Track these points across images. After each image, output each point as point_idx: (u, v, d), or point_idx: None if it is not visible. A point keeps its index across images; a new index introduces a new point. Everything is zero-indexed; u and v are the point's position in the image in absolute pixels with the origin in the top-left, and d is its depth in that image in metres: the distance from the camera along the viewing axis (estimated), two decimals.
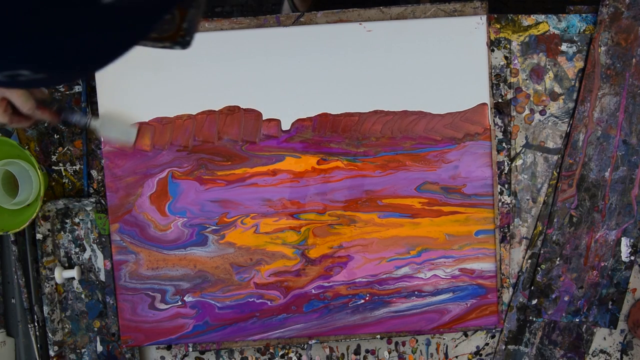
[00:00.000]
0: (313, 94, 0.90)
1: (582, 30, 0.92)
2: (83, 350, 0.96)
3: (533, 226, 0.94)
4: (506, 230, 0.93)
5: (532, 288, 0.94)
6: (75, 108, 0.89)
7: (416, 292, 0.92)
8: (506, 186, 0.93)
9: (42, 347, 0.95)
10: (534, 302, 0.94)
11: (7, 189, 0.92)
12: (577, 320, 0.94)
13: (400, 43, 0.90)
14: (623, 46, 0.90)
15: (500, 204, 0.93)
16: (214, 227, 0.91)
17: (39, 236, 0.92)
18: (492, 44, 0.92)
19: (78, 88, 0.93)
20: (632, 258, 0.93)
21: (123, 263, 0.92)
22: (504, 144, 0.92)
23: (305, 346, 0.96)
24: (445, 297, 0.93)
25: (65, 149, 0.94)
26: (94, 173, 0.94)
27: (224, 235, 0.91)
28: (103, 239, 0.92)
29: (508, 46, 0.92)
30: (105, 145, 0.90)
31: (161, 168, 0.90)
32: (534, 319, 0.95)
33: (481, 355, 0.96)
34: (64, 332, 0.96)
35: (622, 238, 0.93)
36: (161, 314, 0.92)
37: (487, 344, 0.96)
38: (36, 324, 0.94)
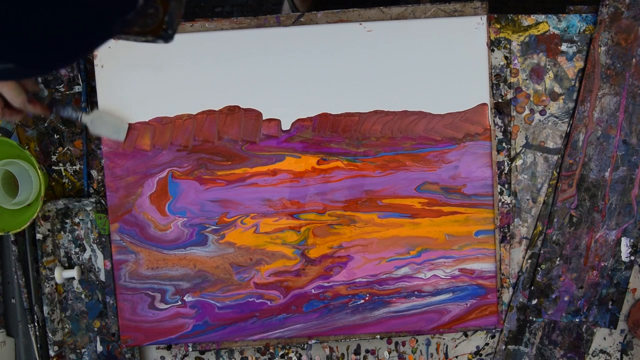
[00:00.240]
0: (313, 94, 0.90)
1: (582, 30, 0.92)
2: (83, 350, 0.96)
3: (533, 226, 0.94)
4: (506, 230, 0.93)
5: (532, 288, 0.94)
6: (67, 102, 0.89)
7: (416, 292, 0.92)
8: (506, 186, 0.93)
9: (42, 347, 0.95)
10: (534, 302, 0.94)
11: (7, 189, 0.92)
12: (577, 320, 0.94)
13: (400, 43, 0.90)
14: (623, 46, 0.90)
15: (500, 204, 0.93)
16: (214, 227, 0.91)
17: (39, 236, 0.92)
18: (492, 44, 0.92)
19: (78, 88, 0.93)
20: (632, 258, 0.93)
21: (123, 263, 0.92)
22: (504, 144, 0.92)
23: (305, 346, 0.96)
24: (445, 298, 0.93)
25: (65, 149, 0.94)
26: (94, 173, 0.94)
27: (224, 235, 0.91)
28: (103, 239, 0.92)
29: (508, 46, 0.92)
30: (105, 145, 0.90)
31: (161, 168, 0.90)
32: (534, 319, 0.95)
33: (481, 355, 0.96)
34: (64, 332, 0.96)
35: (622, 238, 0.93)
36: (161, 314, 0.92)
37: (487, 344, 0.96)
38: (36, 324, 0.94)
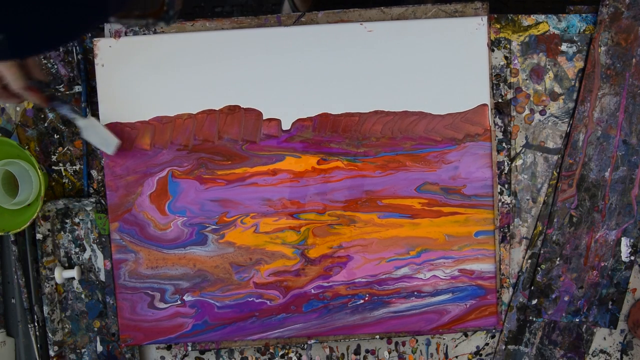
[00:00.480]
0: (313, 94, 0.90)
1: (582, 30, 0.92)
2: (83, 350, 0.96)
3: (533, 226, 0.94)
4: (506, 230, 0.93)
5: (532, 288, 0.94)
6: (67, 101, 0.89)
7: (415, 293, 0.92)
8: (506, 186, 0.93)
9: (42, 347, 0.95)
10: (534, 302, 0.94)
11: (7, 189, 0.92)
12: (577, 320, 0.94)
13: (401, 43, 0.90)
14: (623, 46, 0.91)
15: (500, 204, 0.93)
16: (214, 227, 0.91)
17: (39, 236, 0.92)
18: (492, 44, 0.92)
19: (78, 88, 0.93)
20: (632, 258, 0.93)
21: (122, 262, 0.92)
22: (504, 144, 0.92)
23: (305, 346, 0.96)
24: (444, 298, 0.93)
25: (65, 149, 0.94)
26: (94, 173, 0.94)
27: (224, 234, 0.91)
28: (103, 239, 0.92)
29: (508, 46, 0.92)
30: None
31: (161, 167, 0.91)
32: (534, 319, 0.95)
33: (481, 355, 0.96)
34: (64, 332, 0.96)
35: (622, 238, 0.93)
36: (160, 313, 0.92)
37: (487, 344, 0.96)
38: (36, 324, 0.94)
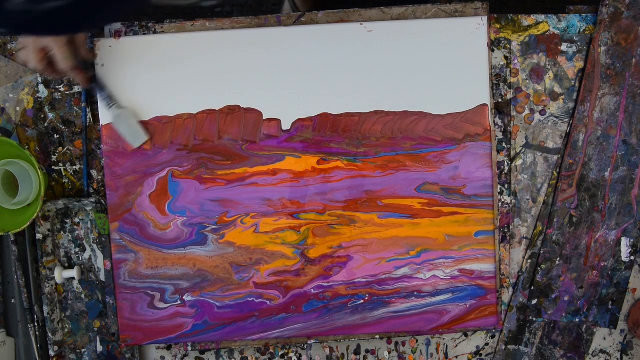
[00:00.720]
0: (313, 94, 0.90)
1: (582, 30, 0.92)
2: (83, 350, 0.96)
3: (533, 226, 0.94)
4: (506, 230, 0.93)
5: (532, 288, 0.94)
6: (107, 86, 0.89)
7: (415, 293, 0.92)
8: (506, 186, 0.93)
9: (42, 347, 0.95)
10: (534, 302, 0.94)
11: (7, 189, 0.92)
12: (577, 320, 0.94)
13: (401, 43, 0.90)
14: (623, 46, 0.91)
15: (500, 204, 0.93)
16: (214, 227, 0.91)
17: (39, 236, 0.92)
18: (492, 44, 0.92)
19: (78, 88, 0.93)
20: (632, 258, 0.93)
21: (122, 262, 0.92)
22: (504, 144, 0.92)
23: (305, 346, 0.96)
24: (444, 298, 0.93)
25: (65, 149, 0.94)
26: (94, 173, 0.94)
27: (224, 234, 0.91)
28: (103, 239, 0.92)
29: (508, 46, 0.92)
30: (105, 144, 0.90)
31: (161, 167, 0.91)
32: (534, 319, 0.95)
33: (481, 355, 0.96)
34: (64, 332, 0.96)
35: (622, 238, 0.93)
36: (160, 313, 0.92)
37: (487, 344, 0.96)
38: (36, 324, 0.94)
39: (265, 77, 0.90)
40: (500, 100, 0.92)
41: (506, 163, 0.92)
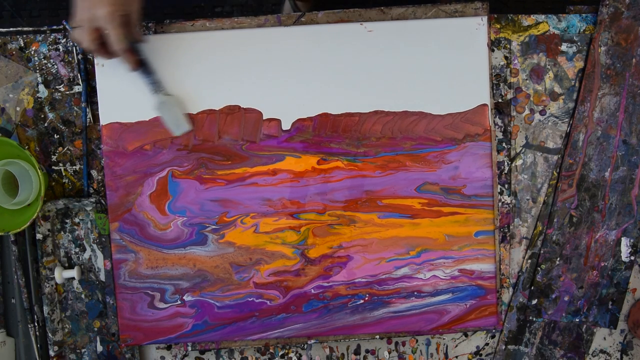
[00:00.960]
0: (313, 94, 0.90)
1: (582, 30, 0.92)
2: (83, 350, 0.96)
3: (533, 226, 0.94)
4: (506, 230, 0.93)
5: (532, 288, 0.94)
6: (155, 71, 0.89)
7: (415, 293, 0.92)
8: (506, 186, 0.93)
9: (42, 347, 0.95)
10: (534, 302, 0.94)
11: (7, 189, 0.92)
12: (577, 320, 0.94)
13: (401, 43, 0.90)
14: (623, 46, 0.91)
15: (500, 204, 0.93)
16: (214, 227, 0.91)
17: (39, 236, 0.92)
18: (492, 44, 0.92)
19: (78, 88, 0.93)
20: (632, 258, 0.93)
21: (122, 262, 0.92)
22: (504, 144, 0.92)
23: (305, 346, 0.96)
24: (444, 298, 0.93)
25: (65, 149, 0.94)
26: (94, 173, 0.94)
27: (224, 234, 0.91)
28: (103, 239, 0.92)
29: (508, 46, 0.92)
30: (105, 144, 0.90)
31: (161, 167, 0.90)
32: (534, 319, 0.95)
33: (481, 355, 0.96)
34: (64, 332, 0.96)
35: (622, 238, 0.93)
36: (160, 313, 0.92)
37: (487, 344, 0.96)
38: (36, 324, 0.94)
39: (265, 77, 0.90)
40: (500, 100, 0.92)
41: (506, 163, 0.92)
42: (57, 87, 0.93)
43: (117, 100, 0.90)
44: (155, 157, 0.90)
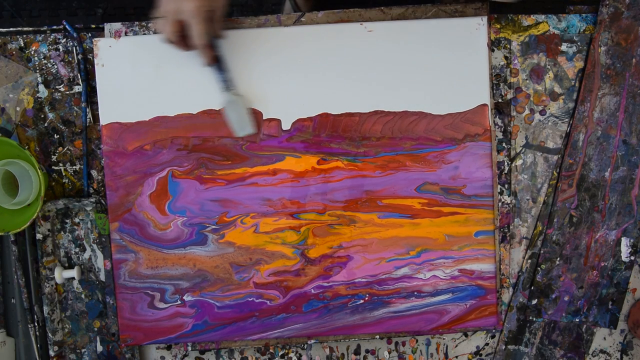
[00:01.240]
0: (313, 94, 0.90)
1: (582, 30, 0.92)
2: (83, 350, 0.96)
3: (533, 226, 0.94)
4: (506, 230, 0.93)
5: (532, 288, 0.94)
6: (229, 69, 0.89)
7: (415, 293, 0.92)
8: (506, 186, 0.93)
9: (42, 347, 0.95)
10: (534, 302, 0.94)
11: (7, 189, 0.92)
12: (577, 320, 0.94)
13: (401, 43, 0.90)
14: (623, 46, 0.91)
15: (500, 204, 0.93)
16: (214, 227, 0.91)
17: (39, 236, 0.92)
18: (492, 44, 0.92)
19: (78, 88, 0.93)
20: (632, 258, 0.93)
21: (122, 262, 0.92)
22: (504, 144, 0.92)
23: (305, 346, 0.96)
24: (444, 298, 0.93)
25: (65, 149, 0.94)
26: (94, 173, 0.94)
27: (224, 234, 0.91)
28: (103, 239, 0.92)
29: (508, 46, 0.92)
30: (105, 144, 0.90)
31: (161, 167, 0.90)
32: (534, 319, 0.95)
33: (481, 355, 0.96)
34: (64, 332, 0.96)
35: (622, 238, 0.93)
36: (160, 313, 0.92)
37: (487, 344, 0.96)
38: (36, 324, 0.94)
39: (265, 77, 0.90)
40: (500, 100, 0.92)
41: (506, 163, 0.93)
42: (57, 87, 0.93)
43: (117, 100, 0.90)
44: (155, 157, 0.90)
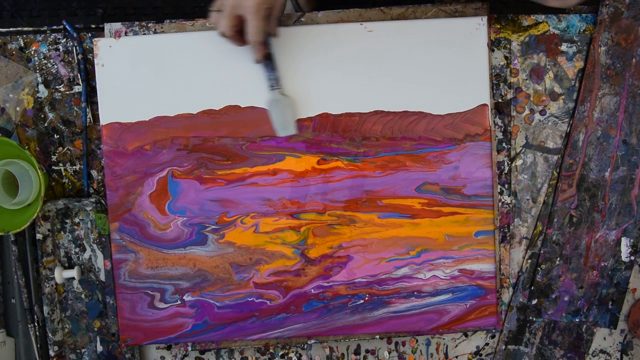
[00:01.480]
0: (313, 94, 0.90)
1: (582, 30, 0.92)
2: (83, 350, 0.96)
3: (533, 226, 0.94)
4: (506, 230, 0.93)
5: (532, 288, 0.94)
6: (278, 68, 0.89)
7: (415, 293, 0.92)
8: (506, 186, 0.93)
9: (42, 347, 0.95)
10: (534, 302, 0.94)
11: (7, 189, 0.92)
12: (577, 320, 0.94)
13: (401, 43, 0.90)
14: (623, 46, 0.91)
15: (500, 204, 0.93)
16: (214, 227, 0.91)
17: (39, 236, 0.92)
18: (492, 44, 0.92)
19: (78, 88, 0.93)
20: (632, 258, 0.93)
21: (122, 262, 0.92)
22: (504, 144, 0.92)
23: (305, 346, 0.96)
24: (444, 298, 0.93)
25: (65, 149, 0.94)
26: (94, 173, 0.94)
27: (224, 234, 0.91)
28: (103, 239, 0.92)
29: (508, 46, 0.92)
30: (105, 144, 0.90)
31: (161, 167, 0.90)
32: (534, 319, 0.95)
33: (481, 355, 0.96)
34: (64, 332, 0.96)
35: (622, 238, 0.93)
36: (160, 313, 0.92)
37: (487, 344, 0.96)
38: (36, 324, 0.94)
39: (265, 77, 0.90)
40: (500, 100, 0.93)
41: (506, 163, 0.93)
42: (57, 87, 0.93)
43: (117, 100, 0.90)
44: (155, 157, 0.90)
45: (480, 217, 0.91)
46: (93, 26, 0.94)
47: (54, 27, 0.94)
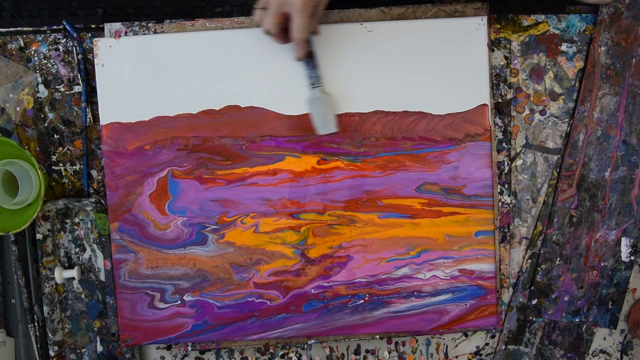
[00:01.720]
0: None
1: (582, 30, 0.92)
2: (83, 350, 0.96)
3: (533, 226, 0.94)
4: (506, 230, 0.93)
5: (532, 288, 0.94)
6: (319, 66, 0.89)
7: (415, 293, 0.92)
8: (506, 186, 0.93)
9: (42, 347, 0.95)
10: (534, 302, 0.94)
11: (7, 189, 0.92)
12: (577, 320, 0.94)
13: (401, 43, 0.90)
14: (623, 46, 0.91)
15: (500, 204, 0.93)
16: (214, 227, 0.91)
17: (39, 236, 0.92)
18: (492, 44, 0.92)
19: (78, 88, 0.93)
20: (632, 258, 0.93)
21: (122, 262, 0.92)
22: (504, 144, 0.92)
23: (305, 346, 0.96)
24: (444, 298, 0.93)
25: (65, 149, 0.94)
26: (94, 173, 0.94)
27: (224, 234, 0.91)
28: (103, 239, 0.92)
29: (508, 46, 0.92)
30: (105, 144, 0.90)
31: (161, 167, 0.90)
32: (534, 319, 0.95)
33: (481, 355, 0.96)
34: (64, 332, 0.96)
35: (622, 238, 0.93)
36: (160, 313, 0.92)
37: (487, 344, 0.96)
38: (36, 324, 0.94)
39: (265, 77, 0.90)
40: (500, 100, 0.93)
41: (506, 163, 0.93)
42: (57, 87, 0.93)
43: (117, 100, 0.90)
44: (155, 157, 0.90)
45: (480, 217, 0.91)
46: (93, 26, 0.94)
47: (54, 27, 0.94)
